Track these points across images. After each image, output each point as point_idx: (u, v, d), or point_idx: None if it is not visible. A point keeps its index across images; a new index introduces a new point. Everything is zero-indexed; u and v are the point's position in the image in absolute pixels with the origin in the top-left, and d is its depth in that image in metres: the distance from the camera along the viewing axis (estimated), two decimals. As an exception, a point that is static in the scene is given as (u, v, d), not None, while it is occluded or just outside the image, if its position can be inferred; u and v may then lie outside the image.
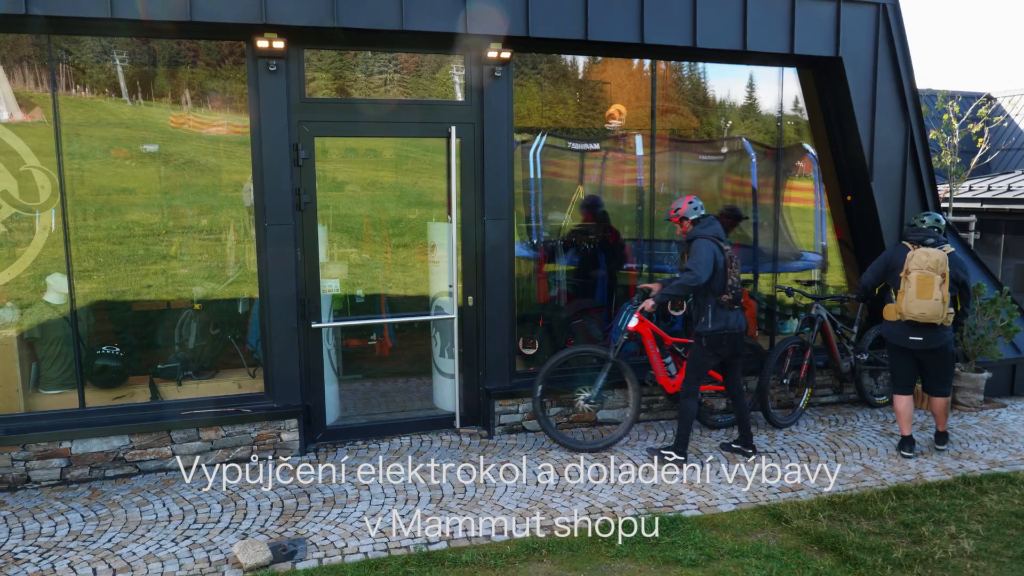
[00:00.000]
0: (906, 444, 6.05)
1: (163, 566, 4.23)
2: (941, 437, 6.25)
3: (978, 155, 12.03)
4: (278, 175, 5.68)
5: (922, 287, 5.73)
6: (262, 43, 5.43)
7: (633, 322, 6.09)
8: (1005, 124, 11.60)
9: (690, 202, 5.86)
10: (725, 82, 7.30)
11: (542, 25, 5.94)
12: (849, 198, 7.42)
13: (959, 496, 5.29)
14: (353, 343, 7.34)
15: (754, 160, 7.59)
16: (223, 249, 6.24)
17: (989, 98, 18.28)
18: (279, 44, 5.45)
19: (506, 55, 5.99)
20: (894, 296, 5.98)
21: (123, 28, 5.32)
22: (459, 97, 6.23)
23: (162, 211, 6.04)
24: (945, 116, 11.40)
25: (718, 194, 7.59)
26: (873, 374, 7.43)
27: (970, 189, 13.55)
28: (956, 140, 11.28)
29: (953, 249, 5.92)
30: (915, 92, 7.14)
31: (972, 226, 10.89)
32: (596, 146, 7.28)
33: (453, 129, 6.06)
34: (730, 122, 7.58)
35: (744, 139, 7.57)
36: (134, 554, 4.37)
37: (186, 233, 6.12)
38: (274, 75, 5.57)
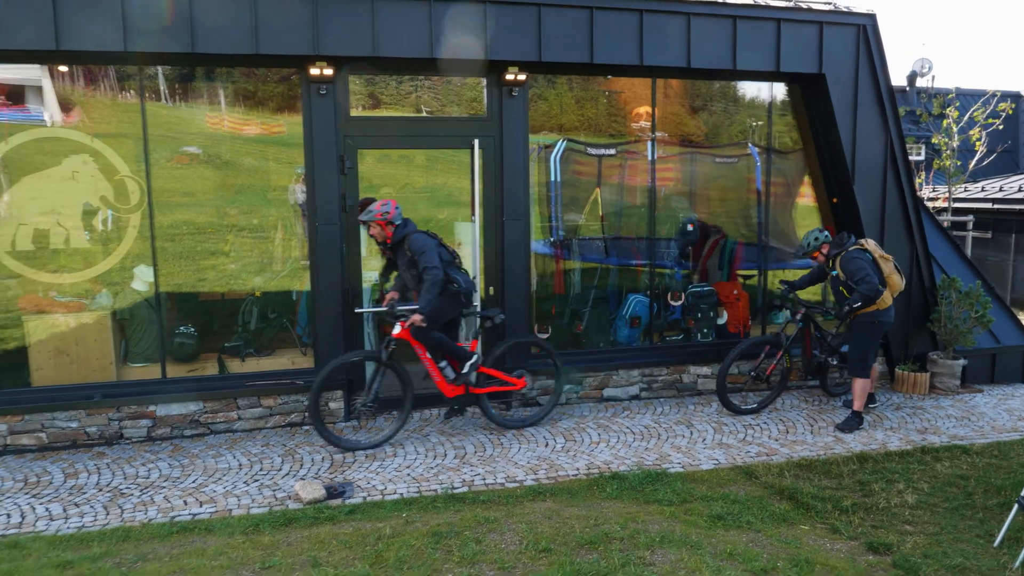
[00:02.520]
0: (864, 417, 6.94)
1: (239, 500, 5.23)
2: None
3: (976, 157, 12.64)
4: (327, 182, 6.66)
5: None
6: (314, 70, 6.41)
7: (396, 330, 6.18)
8: (1001, 128, 12.17)
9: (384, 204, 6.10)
10: (729, 91, 8.13)
11: (553, 51, 6.84)
12: (835, 200, 8.20)
13: (915, 462, 6.08)
14: (388, 330, 8.29)
15: (759, 163, 8.40)
16: (277, 246, 7.23)
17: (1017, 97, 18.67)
18: (328, 71, 6.44)
19: (522, 77, 6.90)
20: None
21: (202, 60, 6.35)
22: (481, 113, 7.16)
23: (224, 212, 7.05)
24: (945, 121, 12.04)
25: (725, 195, 8.42)
26: (840, 370, 7.96)
27: (982, 189, 14.15)
28: (956, 143, 11.92)
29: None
30: (894, 103, 7.91)
31: (969, 225, 11.53)
32: (612, 151, 8.15)
33: (476, 141, 6.99)
34: (734, 128, 8.40)
35: (750, 144, 8.36)
36: (215, 491, 5.38)
37: (242, 231, 7.11)
38: (324, 97, 6.55)
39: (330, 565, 3.91)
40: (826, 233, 7.04)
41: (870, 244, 6.92)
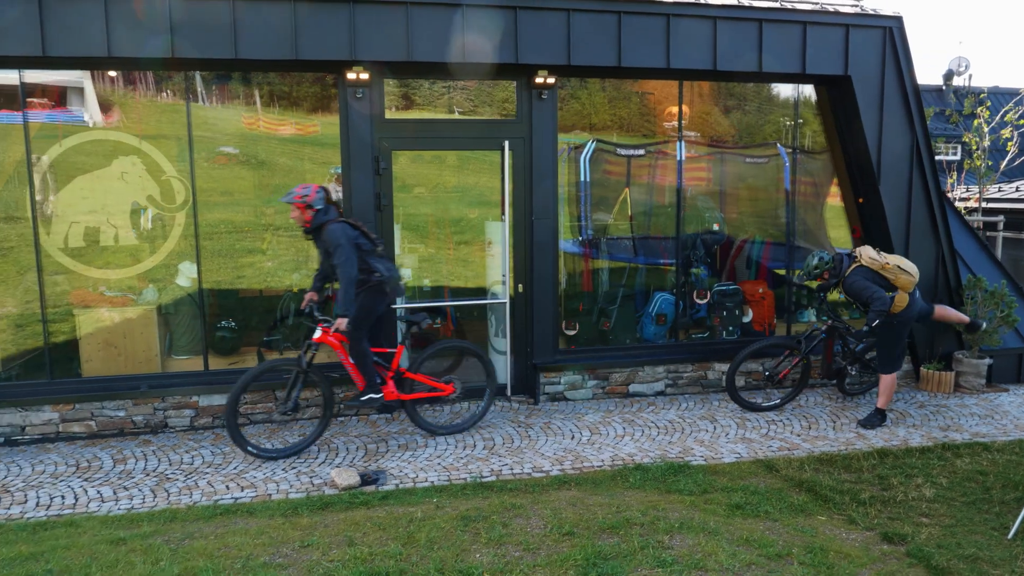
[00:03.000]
0: (887, 415, 7.04)
1: (278, 485, 5.50)
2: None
3: (1008, 157, 12.57)
4: (363, 182, 6.92)
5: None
6: (351, 75, 6.67)
7: (317, 334, 6.09)
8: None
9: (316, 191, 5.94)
10: (759, 92, 8.24)
11: (581, 55, 7.03)
12: (861, 200, 8.28)
13: (935, 458, 6.17)
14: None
15: (787, 164, 8.50)
16: (313, 245, 7.49)
17: None
18: (364, 76, 6.69)
19: (551, 80, 7.10)
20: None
21: (244, 65, 6.65)
22: (511, 115, 7.37)
23: (262, 211, 7.33)
24: (976, 121, 12.00)
25: (754, 195, 8.53)
26: (858, 375, 7.98)
27: (1016, 190, 14.04)
28: (987, 143, 11.88)
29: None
30: (920, 104, 7.97)
31: (1000, 225, 11.49)
32: (641, 152, 8.31)
33: (506, 143, 7.21)
34: (764, 129, 8.51)
35: (779, 144, 8.46)
36: (255, 477, 5.66)
37: (278, 230, 7.38)
38: (360, 100, 6.81)
39: (365, 544, 4.14)
40: (828, 256, 7.02)
41: (865, 257, 6.84)
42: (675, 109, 7.98)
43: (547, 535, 4.26)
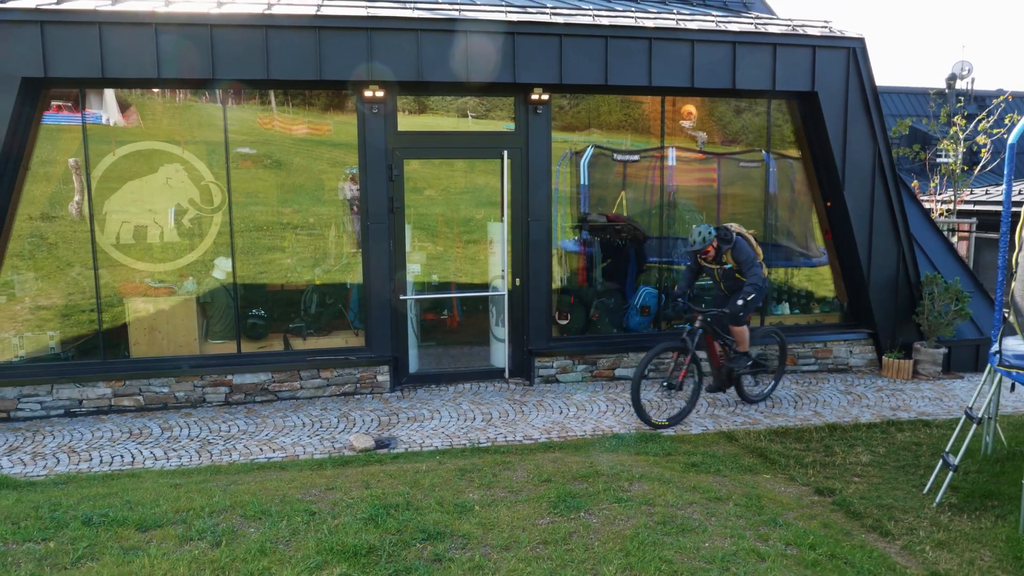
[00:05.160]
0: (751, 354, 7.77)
1: (304, 448, 6.42)
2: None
3: (981, 163, 13.33)
4: (378, 187, 7.83)
5: None
6: (368, 92, 7.58)
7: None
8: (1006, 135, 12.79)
9: None
10: (742, 105, 9.09)
11: (572, 74, 7.91)
12: (829, 204, 9.11)
13: (879, 432, 7.01)
14: (429, 317, 9.45)
15: (772, 169, 9.34)
16: (330, 242, 8.42)
17: None
18: (380, 93, 7.60)
19: (545, 97, 7.99)
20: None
21: (275, 84, 7.59)
22: (509, 127, 8.26)
23: (281, 211, 8.25)
24: (953, 128, 12.79)
25: (737, 197, 9.37)
26: (754, 375, 8.05)
27: (986, 193, 14.78)
28: (962, 149, 12.66)
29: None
30: (881, 117, 8.80)
31: (973, 227, 12.27)
32: (636, 157, 9.17)
33: (505, 152, 8.10)
34: (747, 137, 9.36)
35: (764, 151, 9.27)
36: (284, 442, 6.59)
37: (297, 229, 8.29)
38: (375, 115, 7.72)
39: (379, 487, 5.04)
40: (712, 228, 7.24)
41: (736, 227, 7.44)
42: (693, 109, 8.83)
43: (529, 481, 5.15)
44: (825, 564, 4.16)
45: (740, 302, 7.13)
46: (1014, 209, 13.05)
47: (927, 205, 15.49)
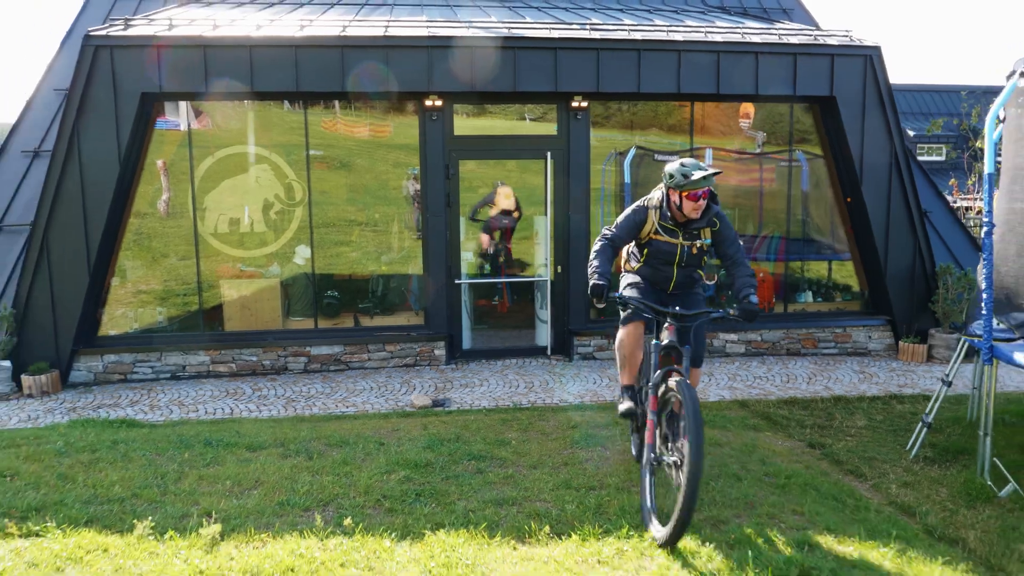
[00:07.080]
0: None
1: (372, 405, 7.58)
2: None
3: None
4: (436, 185, 8.96)
5: None
6: (428, 102, 8.72)
7: None
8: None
9: None
10: (774, 108, 9.95)
11: (609, 83, 8.89)
12: (848, 199, 9.88)
13: (880, 403, 7.79)
14: (481, 303, 10.55)
15: (805, 169, 10.15)
16: (394, 235, 9.58)
17: None
18: (439, 103, 8.73)
19: (584, 104, 9.00)
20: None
21: (351, 95, 8.78)
22: (552, 132, 9.29)
23: (348, 209, 9.45)
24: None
25: (772, 195, 10.22)
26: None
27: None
28: (994, 149, 13.13)
29: None
30: (897, 119, 9.53)
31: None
32: (675, 157, 10.09)
33: (548, 154, 9.13)
34: (780, 137, 10.20)
35: (799, 152, 10.09)
36: (355, 401, 7.75)
37: (363, 225, 9.48)
38: (435, 122, 8.85)
39: (435, 428, 6.13)
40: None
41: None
42: (751, 109, 9.72)
43: (559, 427, 6.18)
44: (795, 489, 5.07)
45: (755, 298, 4.71)
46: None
47: (965, 203, 15.96)
